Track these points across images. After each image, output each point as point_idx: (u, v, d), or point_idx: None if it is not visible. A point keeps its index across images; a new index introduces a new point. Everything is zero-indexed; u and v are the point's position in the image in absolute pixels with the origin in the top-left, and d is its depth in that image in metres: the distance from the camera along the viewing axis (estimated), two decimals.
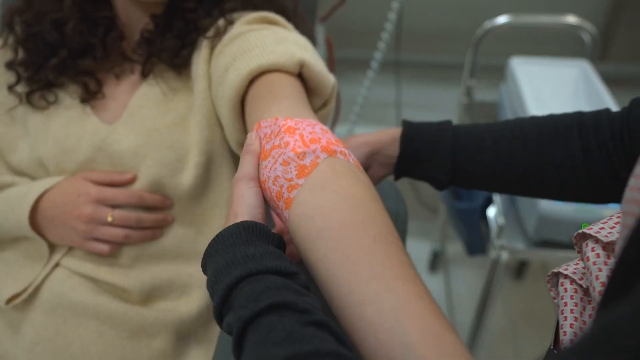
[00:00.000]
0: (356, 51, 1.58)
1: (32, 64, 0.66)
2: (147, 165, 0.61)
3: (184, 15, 0.64)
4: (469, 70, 1.20)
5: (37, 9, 0.65)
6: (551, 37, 1.54)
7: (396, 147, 0.56)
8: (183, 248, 0.64)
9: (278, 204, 0.43)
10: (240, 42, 0.57)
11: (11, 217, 0.61)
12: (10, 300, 0.60)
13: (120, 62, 0.67)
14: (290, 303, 0.33)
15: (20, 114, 0.67)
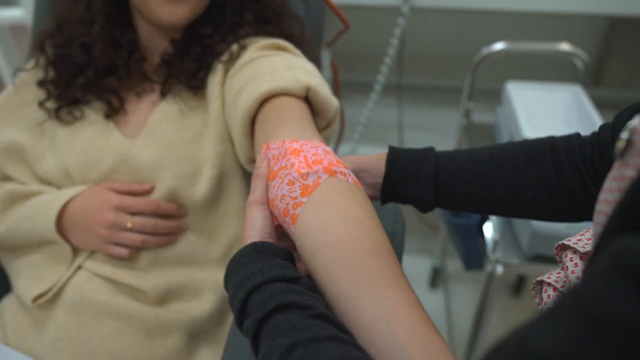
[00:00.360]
0: (360, 75, 1.60)
1: (61, 82, 0.70)
2: (165, 176, 0.65)
3: (201, 41, 0.68)
4: (467, 93, 1.22)
5: (67, 34, 0.69)
6: (546, 62, 1.57)
7: (382, 168, 0.57)
8: (195, 254, 0.67)
9: (285, 220, 0.46)
10: (253, 67, 0.61)
11: (39, 223, 0.65)
12: (36, 299, 0.64)
13: (141, 81, 0.71)
14: (294, 302, 0.37)
15: (49, 128, 0.71)
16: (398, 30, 1.18)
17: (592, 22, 1.56)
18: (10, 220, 0.67)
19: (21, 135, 0.71)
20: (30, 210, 0.66)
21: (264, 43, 0.66)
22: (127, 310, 0.62)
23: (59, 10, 0.70)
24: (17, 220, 0.67)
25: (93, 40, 0.67)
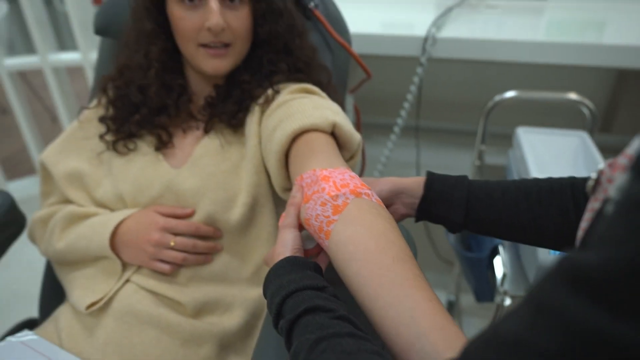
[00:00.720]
0: (381, 117, 1.65)
1: (119, 119, 0.77)
2: (204, 202, 0.71)
3: (240, 86, 0.75)
4: (480, 137, 1.25)
5: (127, 78, 0.77)
6: (555, 109, 1.60)
7: (419, 190, 0.62)
8: (229, 273, 0.73)
9: (320, 236, 0.52)
10: (286, 108, 0.67)
11: (95, 240, 0.71)
12: (89, 307, 0.70)
13: (187, 119, 0.78)
14: (320, 306, 0.42)
15: (107, 158, 0.78)
16: (416, 78, 1.23)
17: (602, 73, 1.60)
18: (69, 238, 0.74)
19: (82, 164, 0.79)
20: (88, 229, 0.73)
21: (295, 87, 0.72)
22: (167, 321, 0.67)
23: (121, 59, 0.79)
24: (76, 238, 0.73)
25: (149, 84, 0.75)
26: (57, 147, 0.81)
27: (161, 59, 0.74)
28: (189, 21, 0.69)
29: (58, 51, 1.95)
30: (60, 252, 0.75)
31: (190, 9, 0.69)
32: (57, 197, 0.81)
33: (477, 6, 1.46)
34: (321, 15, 0.89)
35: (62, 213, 0.77)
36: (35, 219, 0.81)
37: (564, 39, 1.19)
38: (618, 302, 0.21)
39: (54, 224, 0.77)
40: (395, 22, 1.41)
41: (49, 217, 0.79)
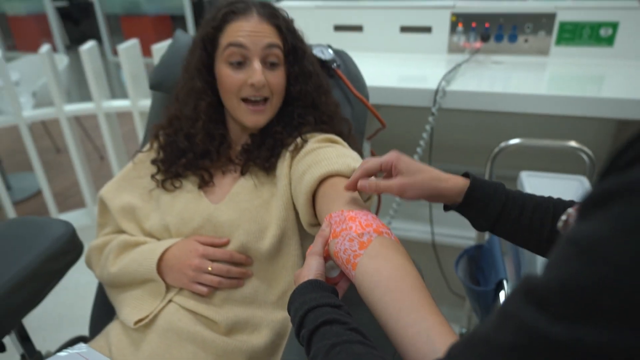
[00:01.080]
0: None
1: (168, 161, 0.87)
2: (238, 233, 0.78)
3: (273, 136, 0.84)
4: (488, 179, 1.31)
5: (176, 126, 0.86)
6: (557, 155, 1.65)
7: (459, 198, 0.64)
8: (257, 297, 0.80)
9: (347, 267, 0.59)
10: (314, 155, 0.75)
11: (144, 265, 0.80)
12: (136, 323, 0.77)
13: (226, 163, 0.87)
14: (337, 319, 0.50)
15: (156, 194, 0.87)
16: (428, 126, 1.31)
17: (603, 122, 1.65)
18: (122, 263, 0.83)
19: (135, 199, 0.88)
20: (138, 255, 0.81)
21: (321, 137, 0.81)
22: (203, 337, 0.74)
23: (171, 110, 0.89)
24: (128, 262, 0.82)
25: (196, 133, 0.84)
26: (114, 185, 0.91)
27: (208, 112, 0.84)
28: (235, 78, 0.79)
29: (110, 99, 2.11)
30: (114, 275, 0.83)
31: (237, 69, 0.79)
32: (111, 228, 0.91)
33: (484, 62, 1.55)
34: (342, 74, 0.99)
35: (116, 241, 0.85)
36: (92, 247, 0.90)
37: (566, 92, 1.24)
38: (554, 310, 0.27)
39: (108, 250, 0.86)
40: (411, 76, 1.51)
41: (104, 245, 0.88)
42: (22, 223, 0.93)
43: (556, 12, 1.50)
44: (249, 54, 0.78)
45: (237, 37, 0.78)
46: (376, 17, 1.67)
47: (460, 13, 1.58)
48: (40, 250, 0.84)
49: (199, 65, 0.83)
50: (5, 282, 0.79)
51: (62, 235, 0.88)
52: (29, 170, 2.96)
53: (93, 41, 2.03)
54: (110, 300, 0.89)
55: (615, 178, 0.27)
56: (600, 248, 0.26)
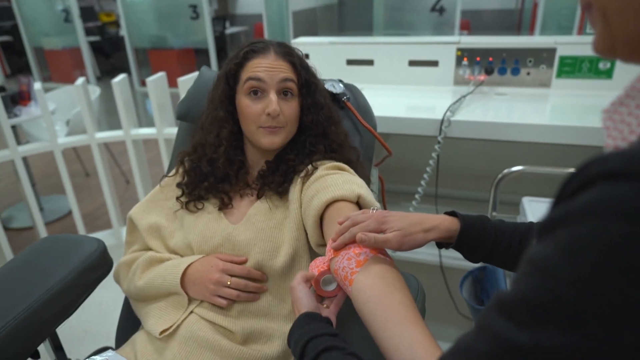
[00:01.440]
0: (405, 185, 1.77)
1: (192, 184, 0.92)
2: (254, 251, 0.83)
3: (287, 163, 0.89)
4: (491, 204, 1.33)
5: (200, 153, 0.92)
6: (557, 182, 1.66)
7: (452, 240, 0.67)
8: (271, 310, 0.83)
9: (345, 283, 0.64)
10: (322, 181, 0.80)
11: (169, 279, 0.84)
12: (162, 333, 0.82)
13: (244, 187, 0.92)
14: (335, 346, 0.55)
15: (180, 214, 0.92)
16: (434, 154, 1.35)
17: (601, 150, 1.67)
18: (148, 277, 0.87)
19: (161, 219, 0.93)
20: (163, 270, 0.86)
21: (329, 165, 0.86)
22: (221, 346, 0.78)
23: (196, 138, 0.94)
24: (153, 277, 0.87)
25: (217, 157, 0.89)
26: (142, 206, 0.96)
27: (229, 139, 0.90)
28: (254, 108, 0.85)
29: (137, 127, 2.21)
30: (140, 289, 0.88)
31: (256, 100, 0.85)
32: (139, 246, 0.96)
33: (488, 93, 1.60)
34: (352, 105, 1.04)
35: (143, 258, 0.90)
36: (121, 263, 0.95)
37: (567, 122, 1.27)
38: (519, 320, 0.31)
39: (136, 266, 0.91)
40: (418, 106, 1.56)
41: (132, 261, 0.93)
42: (58, 240, 0.99)
43: (556, 47, 1.55)
44: (266, 86, 0.84)
45: (255, 72, 0.84)
46: (386, 52, 1.74)
47: (465, 48, 1.64)
48: (74, 264, 0.90)
49: (222, 97, 0.89)
50: (43, 293, 0.84)
51: (95, 251, 0.93)
52: (60, 193, 3.07)
53: (124, 74, 2.14)
54: (135, 312, 0.93)
55: (561, 207, 0.31)
56: (548, 266, 0.30)
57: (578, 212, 0.29)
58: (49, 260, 0.93)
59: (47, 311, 0.84)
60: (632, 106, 0.36)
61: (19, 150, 2.07)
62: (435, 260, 1.57)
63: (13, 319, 0.80)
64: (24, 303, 0.82)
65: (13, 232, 2.62)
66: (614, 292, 0.27)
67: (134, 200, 2.90)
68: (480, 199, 1.72)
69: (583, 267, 0.28)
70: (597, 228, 0.28)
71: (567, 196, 0.31)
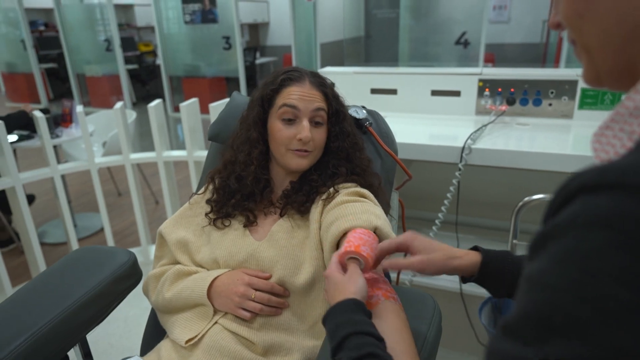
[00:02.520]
0: (424, 212, 1.78)
1: (220, 202, 0.95)
2: (277, 268, 0.85)
3: (310, 184, 0.92)
4: (512, 232, 1.33)
5: (229, 170, 0.95)
6: None
7: (475, 272, 0.69)
8: (291, 325, 0.85)
9: None
10: (342, 209, 0.83)
11: (196, 291, 0.87)
12: (187, 342, 0.84)
13: (268, 205, 0.95)
14: (380, 355, 0.55)
15: (207, 230, 0.96)
16: (455, 180, 1.37)
17: None
18: (176, 289, 0.91)
19: (189, 235, 0.97)
20: (191, 283, 0.89)
21: (351, 190, 0.88)
22: (242, 356, 0.80)
23: (226, 156, 0.98)
24: (181, 289, 0.90)
25: (247, 175, 0.93)
26: (172, 222, 1.00)
27: (259, 159, 0.93)
28: (286, 132, 0.89)
29: (169, 149, 2.29)
30: (168, 300, 0.91)
31: (288, 125, 0.89)
32: (167, 259, 1.00)
33: (510, 123, 1.61)
34: (374, 131, 1.08)
35: (172, 271, 0.94)
36: (150, 275, 0.99)
37: (589, 152, 1.27)
38: (524, 337, 0.32)
39: (165, 278, 0.94)
40: (440, 135, 1.58)
41: (161, 274, 0.97)
42: (92, 250, 1.04)
43: (578, 79, 1.56)
44: (300, 114, 0.89)
45: (291, 100, 0.89)
46: (409, 81, 1.78)
47: (486, 79, 1.67)
48: (106, 273, 0.94)
49: (256, 119, 0.93)
50: (76, 299, 0.89)
51: (126, 261, 0.98)
52: (93, 211, 3.18)
53: (159, 100, 2.25)
54: (161, 323, 0.96)
55: (548, 223, 0.33)
56: (543, 278, 0.31)
57: (564, 224, 0.31)
58: (82, 269, 0.97)
59: (79, 317, 0.88)
60: (616, 129, 0.38)
61: (58, 169, 2.17)
62: (456, 287, 1.56)
63: (47, 324, 0.84)
64: (57, 309, 0.87)
65: (47, 247, 2.72)
66: (603, 296, 0.28)
67: (162, 220, 2.98)
68: (500, 228, 1.71)
69: (573, 274, 0.30)
70: (581, 237, 0.30)
71: (553, 212, 0.33)
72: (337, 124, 0.94)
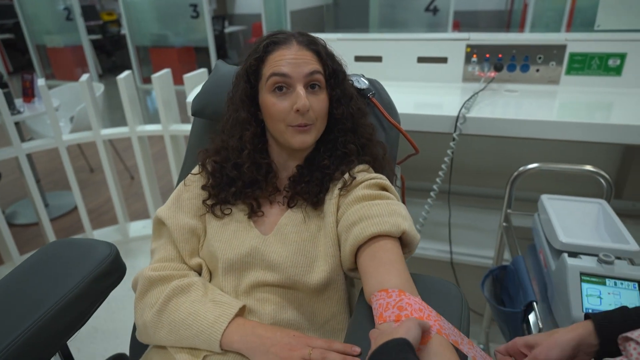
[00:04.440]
0: (417, 182, 1.68)
1: (218, 187, 0.80)
2: (286, 265, 0.71)
3: (321, 170, 0.77)
4: (507, 202, 1.25)
5: (224, 155, 0.79)
6: (572, 178, 1.59)
7: (594, 338, 0.59)
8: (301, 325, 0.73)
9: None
10: (366, 208, 0.69)
11: (201, 338, 0.68)
12: None
13: (274, 192, 0.80)
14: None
15: (205, 219, 0.80)
16: (449, 150, 1.26)
17: (611, 146, 1.59)
18: (173, 325, 0.70)
19: (191, 220, 0.79)
20: (192, 320, 0.69)
21: (371, 182, 0.74)
22: None
23: (217, 141, 0.81)
24: (179, 325, 0.69)
25: (242, 162, 0.78)
26: (169, 205, 0.82)
27: (253, 142, 0.77)
28: (281, 106, 0.73)
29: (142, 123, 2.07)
30: (159, 339, 0.73)
31: (281, 96, 0.73)
32: (164, 252, 0.79)
33: (498, 90, 1.50)
34: (377, 102, 0.94)
35: (165, 295, 0.73)
36: (145, 277, 0.77)
37: (576, 119, 1.19)
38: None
39: (156, 302, 0.73)
40: (428, 103, 1.46)
41: (158, 280, 0.76)
42: (67, 244, 0.87)
43: (566, 44, 1.46)
44: (292, 81, 0.73)
45: (279, 67, 0.73)
46: (395, 48, 1.63)
47: (474, 45, 1.54)
48: (86, 272, 0.78)
49: (243, 96, 0.77)
50: (53, 304, 0.73)
51: (107, 256, 0.82)
52: (65, 189, 2.92)
53: (128, 71, 2.00)
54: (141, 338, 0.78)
55: None
56: None
57: None
58: (58, 268, 0.81)
59: (58, 324, 0.73)
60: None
61: (23, 147, 1.93)
62: (446, 257, 1.49)
63: (21, 334, 0.69)
64: (32, 316, 0.71)
65: (18, 228, 2.48)
66: None
67: (139, 196, 2.76)
68: (495, 196, 1.64)
69: None
70: None
71: None
72: (338, 86, 0.78)
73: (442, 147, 1.31)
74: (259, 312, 0.72)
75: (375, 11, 4.19)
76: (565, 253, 0.90)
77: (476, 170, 1.67)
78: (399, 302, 0.57)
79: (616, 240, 0.95)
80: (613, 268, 0.84)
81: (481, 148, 1.65)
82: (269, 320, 0.71)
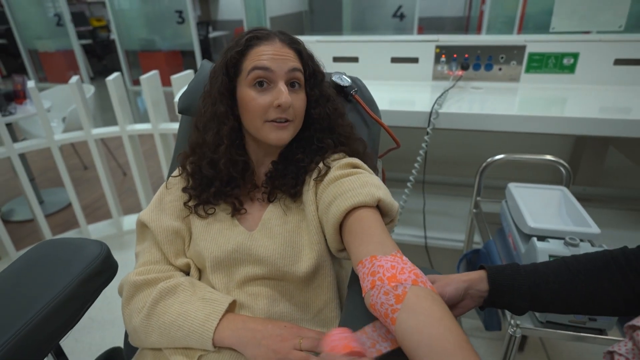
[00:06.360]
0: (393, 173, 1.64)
1: (198, 188, 0.72)
2: (274, 257, 0.66)
3: (296, 163, 0.71)
4: (476, 190, 1.23)
5: (199, 154, 0.71)
6: (534, 167, 1.59)
7: (485, 285, 0.59)
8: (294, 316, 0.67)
9: (386, 321, 0.48)
10: (338, 185, 0.63)
11: (193, 337, 0.62)
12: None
13: (253, 189, 0.73)
14: None
15: (189, 221, 0.73)
16: (424, 144, 1.22)
17: (565, 137, 1.59)
18: (163, 327, 0.64)
19: (175, 222, 0.72)
20: (182, 320, 0.63)
21: (343, 163, 0.68)
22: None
23: (192, 139, 0.73)
24: (169, 326, 0.64)
25: (219, 158, 0.69)
26: (152, 209, 0.74)
27: (230, 137, 0.69)
28: (260, 101, 0.66)
29: (132, 123, 1.96)
30: (151, 343, 0.66)
31: (261, 92, 0.66)
32: (149, 255, 0.72)
33: (465, 87, 1.47)
34: (360, 98, 0.88)
35: (153, 298, 0.66)
36: (130, 283, 0.70)
37: (533, 113, 1.17)
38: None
39: (144, 306, 0.67)
40: (401, 100, 1.41)
41: (143, 285, 0.69)
42: (57, 244, 0.79)
43: (526, 44, 1.43)
44: (274, 76, 0.66)
45: (262, 61, 0.65)
46: (370, 49, 1.58)
47: (443, 46, 1.50)
48: (76, 272, 0.70)
49: (222, 89, 0.69)
50: (44, 306, 0.65)
51: (97, 255, 0.74)
52: (59, 186, 2.76)
53: (117, 72, 1.88)
54: (133, 342, 0.70)
55: None
56: None
57: None
58: (48, 268, 0.72)
59: (49, 326, 0.65)
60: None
61: (15, 147, 1.79)
62: (421, 242, 1.45)
63: (11, 338, 0.60)
64: (23, 318, 0.63)
65: (14, 225, 2.32)
66: None
67: (132, 191, 2.63)
68: (465, 184, 1.61)
69: None
70: None
71: None
72: (316, 87, 0.72)
73: (417, 141, 1.27)
74: (252, 306, 0.66)
75: (347, 16, 4.12)
76: (534, 237, 0.87)
77: (448, 161, 1.64)
78: (372, 268, 0.52)
79: (578, 223, 0.93)
80: (579, 250, 0.82)
81: (453, 141, 1.63)
82: (263, 314, 0.66)
